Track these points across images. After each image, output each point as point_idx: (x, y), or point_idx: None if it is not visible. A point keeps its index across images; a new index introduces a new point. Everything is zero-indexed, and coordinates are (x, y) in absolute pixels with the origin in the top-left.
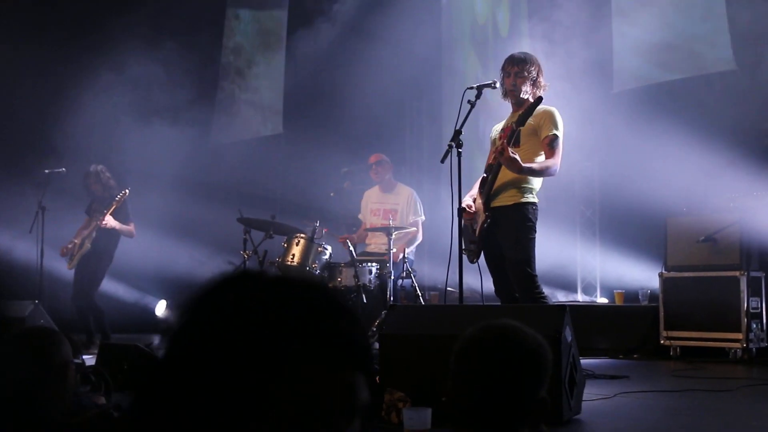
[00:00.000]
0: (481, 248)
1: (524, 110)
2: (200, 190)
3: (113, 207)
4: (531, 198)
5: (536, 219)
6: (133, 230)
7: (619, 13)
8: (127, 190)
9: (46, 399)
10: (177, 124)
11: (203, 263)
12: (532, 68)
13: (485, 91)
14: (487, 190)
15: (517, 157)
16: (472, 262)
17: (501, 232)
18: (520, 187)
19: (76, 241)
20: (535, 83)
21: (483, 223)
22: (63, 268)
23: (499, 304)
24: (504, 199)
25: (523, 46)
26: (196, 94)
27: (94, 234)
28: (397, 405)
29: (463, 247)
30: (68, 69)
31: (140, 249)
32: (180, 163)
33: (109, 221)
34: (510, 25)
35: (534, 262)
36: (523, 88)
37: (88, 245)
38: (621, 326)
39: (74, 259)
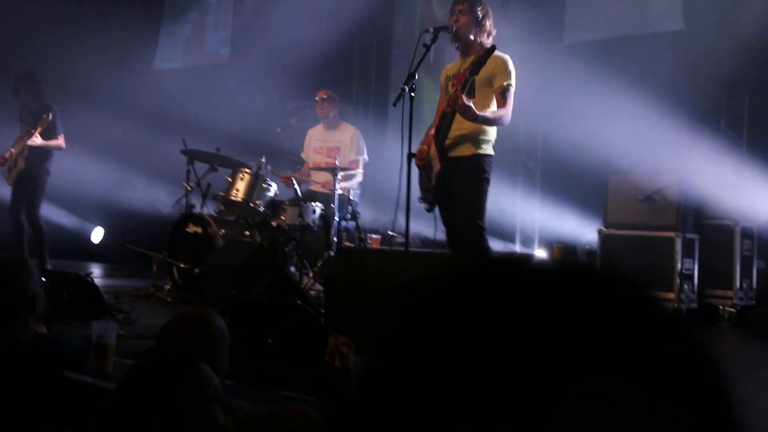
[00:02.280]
0: (436, 198)
1: (478, 58)
2: (143, 116)
3: (39, 128)
4: (488, 150)
5: (491, 172)
6: (62, 143)
7: None
8: (50, 114)
9: (15, 330)
10: (121, 45)
11: (144, 192)
12: (478, 8)
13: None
14: (441, 138)
15: (471, 105)
16: (429, 211)
17: (456, 182)
18: (478, 138)
19: (13, 150)
20: (479, 25)
21: (438, 172)
22: (6, 188)
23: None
24: (461, 150)
25: None
26: (140, 14)
27: (26, 152)
28: (341, 349)
29: (420, 196)
30: None
31: (80, 174)
32: (122, 85)
33: (36, 140)
34: None
35: (484, 215)
36: (468, 29)
37: (21, 163)
38: None
39: (12, 175)
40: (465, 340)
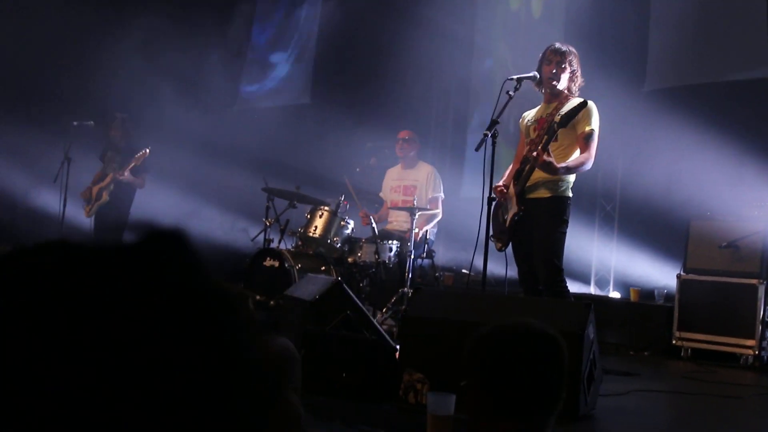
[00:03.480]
0: (509, 238)
1: (568, 111)
2: (224, 154)
3: (132, 164)
4: (567, 192)
5: (569, 213)
6: (144, 183)
7: (658, 10)
8: (147, 150)
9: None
10: (206, 85)
11: (223, 226)
12: (573, 60)
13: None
14: (522, 182)
15: (552, 160)
16: (499, 250)
17: (534, 224)
18: (558, 181)
19: (92, 187)
20: (572, 76)
21: (515, 215)
22: (84, 220)
23: (522, 293)
24: (540, 192)
25: (555, 34)
26: (226, 56)
27: (111, 186)
28: (416, 386)
29: (491, 234)
30: (104, 26)
31: (160, 206)
32: (206, 124)
33: (125, 175)
34: (543, 8)
35: (562, 256)
36: (562, 79)
37: (106, 197)
38: (634, 323)
39: (93, 208)
40: None
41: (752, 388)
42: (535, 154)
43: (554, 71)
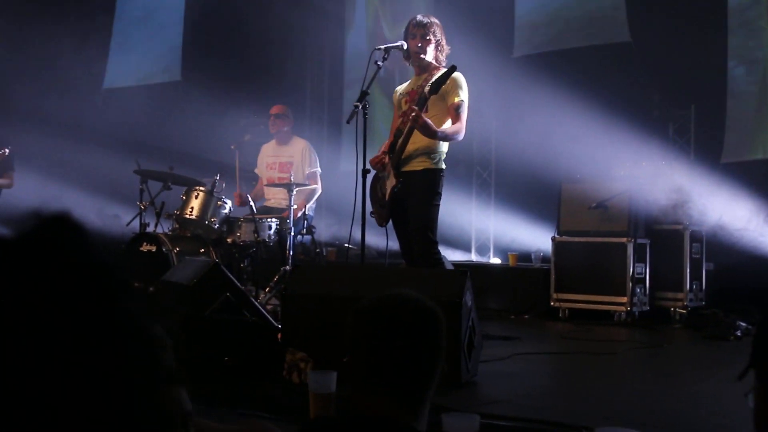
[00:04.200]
0: (390, 213)
1: (439, 78)
2: (93, 136)
3: None
4: (440, 164)
5: (443, 186)
6: (12, 181)
7: None
8: (6, 150)
9: None
10: (69, 63)
11: (96, 212)
12: (437, 30)
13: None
14: (397, 155)
15: (429, 122)
16: (381, 225)
17: (409, 197)
18: (431, 153)
19: None
20: (438, 46)
21: (393, 187)
22: None
23: (402, 263)
24: (414, 164)
25: (422, 5)
26: (90, 32)
27: None
28: (299, 365)
29: (371, 210)
30: None
31: (28, 196)
32: (72, 105)
33: None
34: None
35: (435, 228)
36: (428, 51)
37: None
38: (513, 287)
39: None
40: None
41: (625, 343)
42: (412, 114)
43: (419, 45)
